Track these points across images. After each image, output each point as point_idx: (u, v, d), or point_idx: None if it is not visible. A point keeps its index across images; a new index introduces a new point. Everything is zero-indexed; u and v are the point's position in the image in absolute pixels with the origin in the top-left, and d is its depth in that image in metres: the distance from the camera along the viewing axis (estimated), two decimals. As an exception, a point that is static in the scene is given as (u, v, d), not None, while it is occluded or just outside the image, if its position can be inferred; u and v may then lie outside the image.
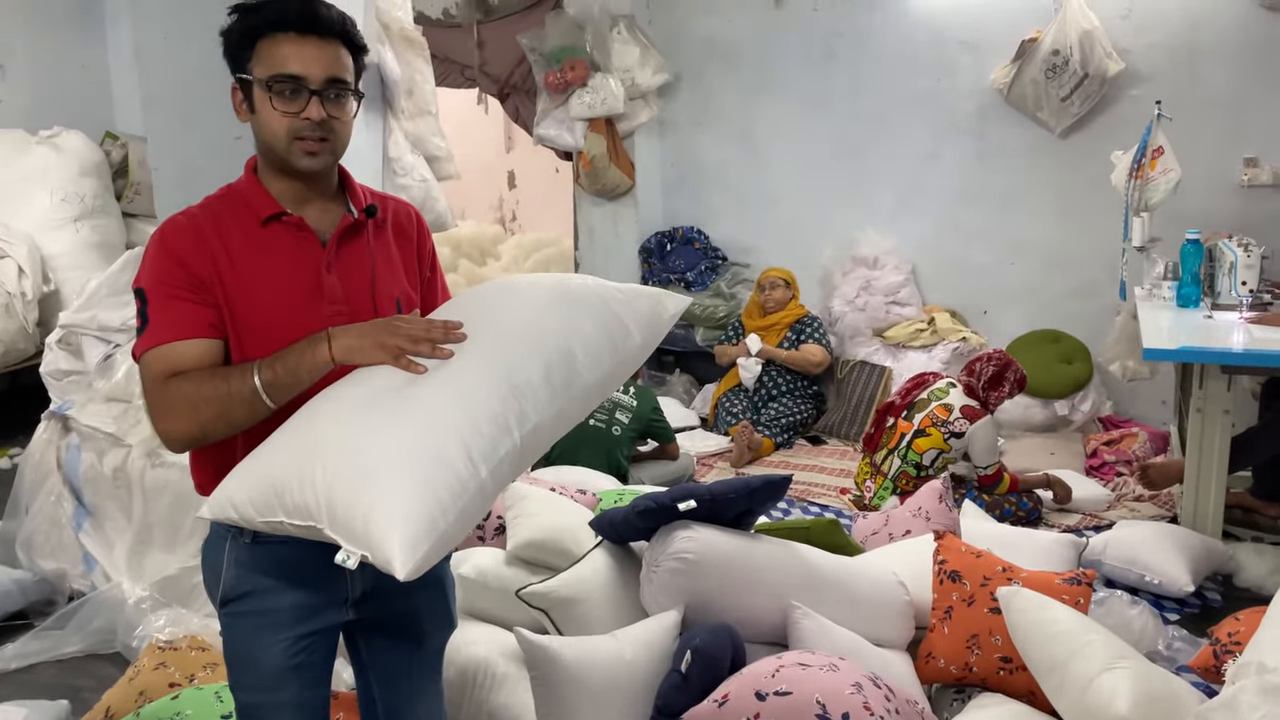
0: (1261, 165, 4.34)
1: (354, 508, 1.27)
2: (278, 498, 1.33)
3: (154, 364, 1.43)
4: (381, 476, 1.28)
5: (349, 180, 1.61)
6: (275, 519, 1.34)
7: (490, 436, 1.34)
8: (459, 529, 1.32)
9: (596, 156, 5.43)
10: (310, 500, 1.30)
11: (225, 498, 1.39)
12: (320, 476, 1.30)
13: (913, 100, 5.09)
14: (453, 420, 1.33)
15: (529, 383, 1.39)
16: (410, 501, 1.26)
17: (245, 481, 1.38)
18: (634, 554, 2.40)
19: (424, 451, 1.30)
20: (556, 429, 1.45)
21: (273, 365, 1.40)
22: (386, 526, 1.25)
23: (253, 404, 1.40)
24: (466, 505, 1.31)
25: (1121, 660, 1.92)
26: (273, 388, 1.40)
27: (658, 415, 4.07)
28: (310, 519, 1.31)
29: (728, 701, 1.80)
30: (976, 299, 5.12)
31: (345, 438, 1.33)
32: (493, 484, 1.36)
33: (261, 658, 1.53)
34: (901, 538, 2.88)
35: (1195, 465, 3.30)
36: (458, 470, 1.30)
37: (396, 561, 1.23)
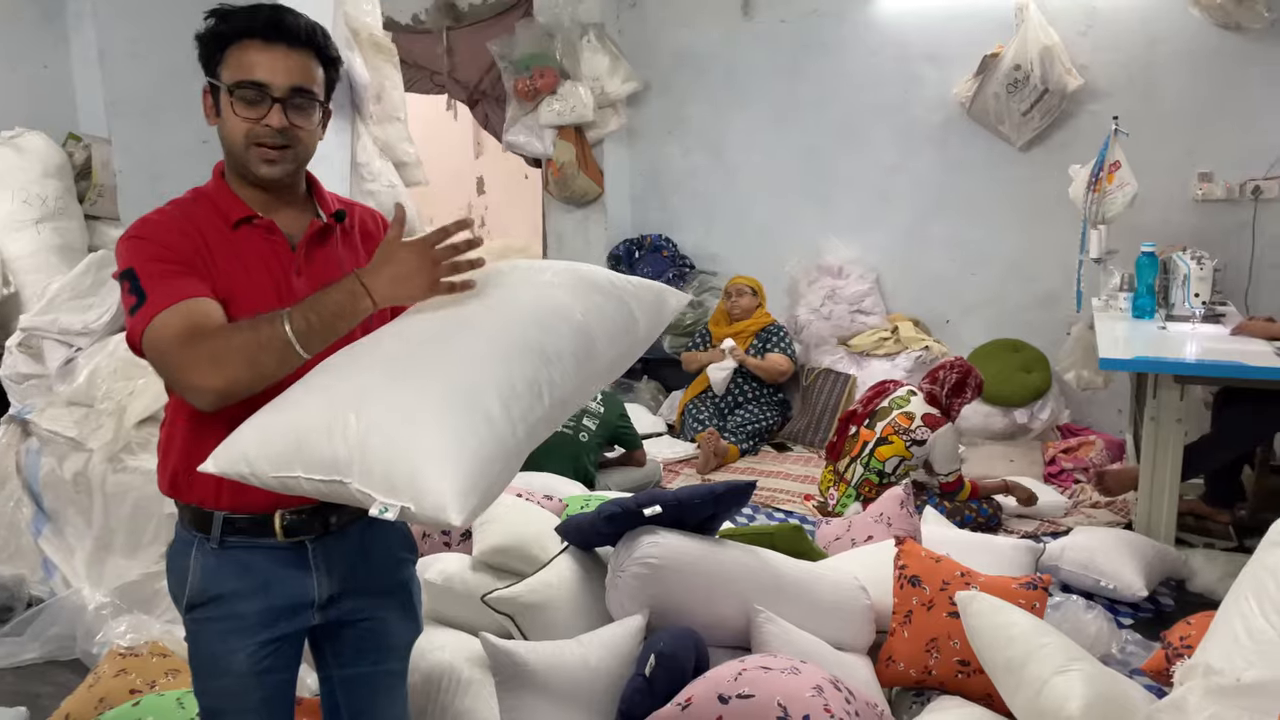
0: (1215, 180, 4.45)
1: (397, 457, 1.24)
2: (298, 450, 1.28)
3: (168, 324, 1.37)
4: (429, 427, 1.25)
5: (317, 186, 1.62)
6: (291, 474, 1.29)
7: (526, 398, 1.34)
8: (500, 486, 1.31)
9: (566, 164, 5.45)
10: (340, 451, 1.26)
11: (238, 451, 1.33)
12: (353, 425, 1.26)
13: (878, 112, 5.16)
14: (493, 376, 1.32)
15: (559, 352, 1.40)
16: (460, 451, 1.24)
17: (262, 432, 1.33)
18: (600, 559, 2.42)
19: (467, 405, 1.28)
20: (572, 404, 1.47)
21: (305, 315, 1.37)
22: (438, 476, 1.22)
23: (284, 353, 1.35)
24: (506, 464, 1.31)
25: (1075, 663, 1.96)
26: (307, 336, 1.36)
27: (625, 422, 4.09)
28: (335, 473, 1.27)
29: (691, 705, 1.82)
30: (939, 308, 5.20)
31: (381, 386, 1.30)
32: (526, 446, 1.35)
33: (227, 663, 1.53)
34: (864, 543, 2.93)
35: (1149, 473, 3.38)
36: (499, 427, 1.29)
37: (453, 509, 1.21)
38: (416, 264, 1.40)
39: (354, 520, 1.58)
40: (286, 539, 1.53)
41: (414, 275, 1.40)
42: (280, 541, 1.53)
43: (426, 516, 1.23)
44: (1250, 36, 4.29)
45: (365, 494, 1.25)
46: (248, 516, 1.52)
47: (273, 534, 1.52)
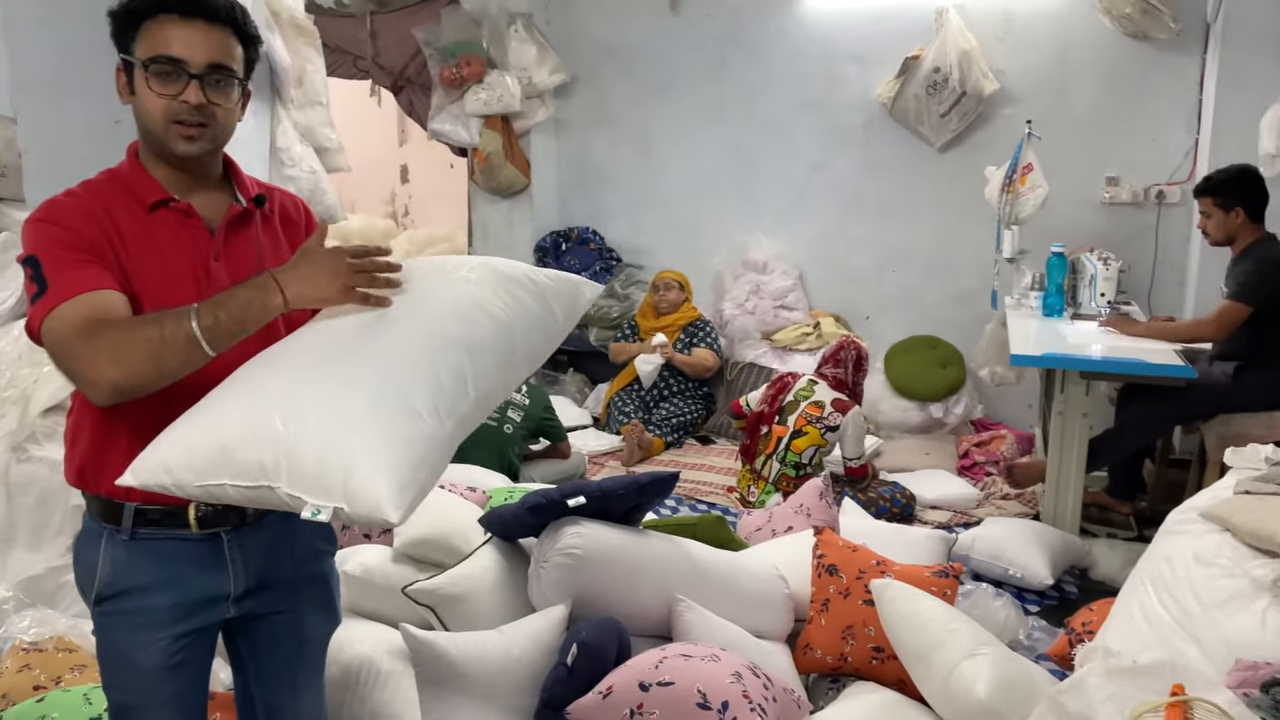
0: (1122, 184, 4.63)
1: (328, 459, 1.23)
2: (224, 457, 1.27)
3: (68, 315, 1.32)
4: (358, 425, 1.25)
5: (235, 169, 1.59)
6: (217, 482, 1.28)
7: (453, 392, 1.34)
8: (432, 480, 1.32)
9: (492, 154, 5.41)
10: (267, 456, 1.25)
11: (158, 462, 1.30)
12: (281, 429, 1.25)
13: (802, 109, 5.24)
14: (418, 372, 1.32)
15: (480, 345, 1.41)
16: (391, 449, 1.24)
17: (183, 441, 1.30)
18: (523, 551, 2.42)
19: (395, 402, 1.28)
20: (496, 396, 1.48)
21: (214, 311, 1.33)
22: (371, 475, 1.22)
23: (189, 350, 1.32)
24: (437, 458, 1.32)
25: (983, 648, 2.03)
26: (214, 334, 1.33)
27: (549, 414, 4.09)
28: (264, 479, 1.26)
29: (612, 693, 1.84)
30: (859, 304, 5.31)
31: (306, 388, 1.29)
32: (455, 439, 1.36)
33: (138, 657, 1.49)
34: (784, 534, 2.98)
35: (1056, 465, 3.51)
36: (428, 422, 1.30)
37: (389, 507, 1.21)
38: (332, 266, 1.39)
39: (271, 511, 1.56)
40: (201, 531, 1.50)
41: (329, 277, 1.38)
42: (194, 533, 1.50)
43: (361, 516, 1.23)
44: (1157, 46, 4.48)
45: (295, 497, 1.24)
46: (160, 508, 1.48)
47: (186, 525, 1.49)
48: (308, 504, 1.23)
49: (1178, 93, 4.50)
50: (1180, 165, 4.52)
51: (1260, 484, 2.07)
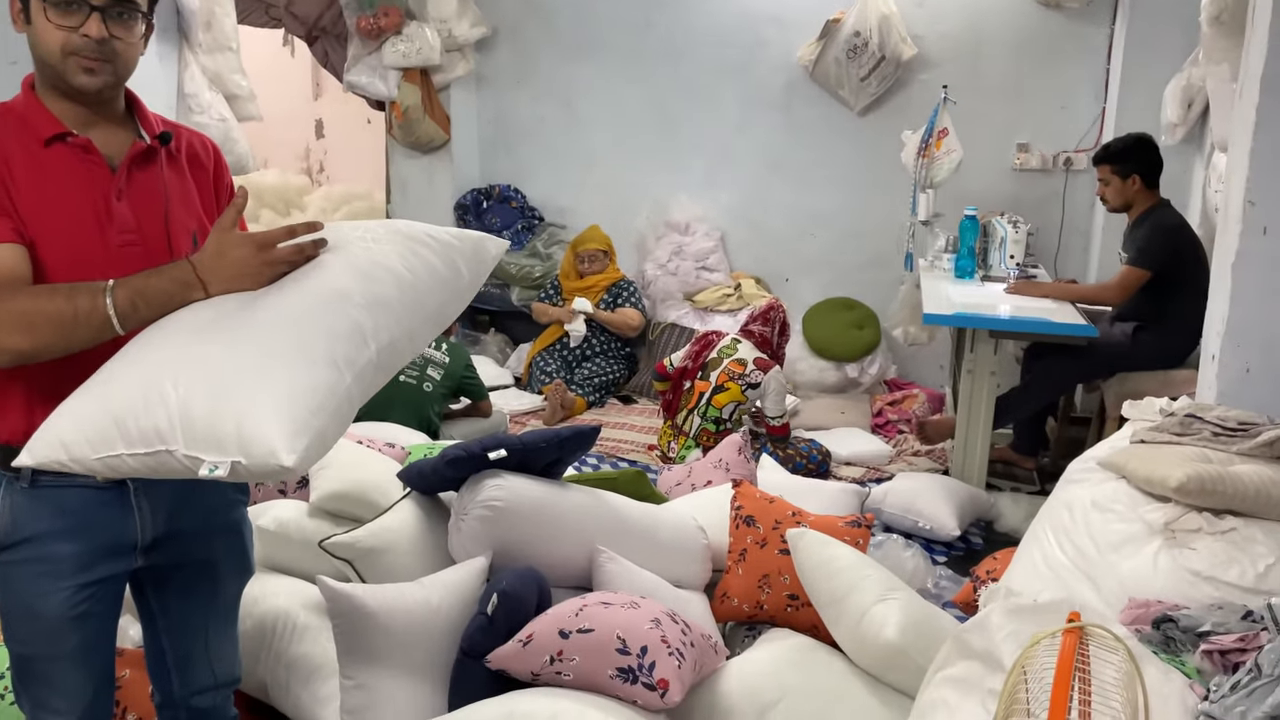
0: (1032, 151, 4.76)
1: (220, 413, 1.23)
2: (118, 427, 1.26)
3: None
4: (248, 378, 1.24)
5: (138, 105, 1.53)
6: (113, 453, 1.27)
7: (349, 343, 1.34)
8: (334, 430, 1.31)
9: (410, 108, 5.29)
10: (160, 420, 1.24)
11: (53, 438, 1.29)
12: (172, 393, 1.24)
13: (724, 72, 5.24)
14: (312, 325, 1.32)
15: (379, 298, 1.40)
16: (284, 397, 1.24)
17: (76, 417, 1.29)
18: (443, 505, 2.41)
19: (289, 354, 1.28)
20: (404, 351, 1.47)
21: (130, 297, 1.33)
22: (262, 422, 1.21)
23: (100, 328, 1.33)
24: (338, 407, 1.31)
25: (892, 593, 2.10)
26: (128, 317, 1.33)
27: (470, 372, 4.06)
28: (160, 443, 1.25)
29: (532, 641, 1.85)
30: (779, 267, 5.37)
31: (197, 351, 1.28)
32: (358, 391, 1.35)
33: (40, 608, 1.45)
34: (703, 488, 3.02)
35: (965, 422, 3.62)
36: (324, 372, 1.29)
37: (282, 450, 1.20)
38: (257, 262, 1.37)
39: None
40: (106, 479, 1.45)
41: (253, 273, 1.37)
42: (99, 481, 1.45)
43: (258, 465, 1.22)
44: (1069, 16, 4.60)
45: (191, 458, 1.24)
46: None
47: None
48: (204, 462, 1.23)
49: (1087, 61, 4.63)
50: (1088, 132, 4.66)
51: (1154, 434, 2.17)
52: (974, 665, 1.63)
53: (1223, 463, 1.98)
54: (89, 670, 1.51)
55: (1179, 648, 1.71)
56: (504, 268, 5.45)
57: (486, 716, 1.70)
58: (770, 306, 4.05)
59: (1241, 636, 1.62)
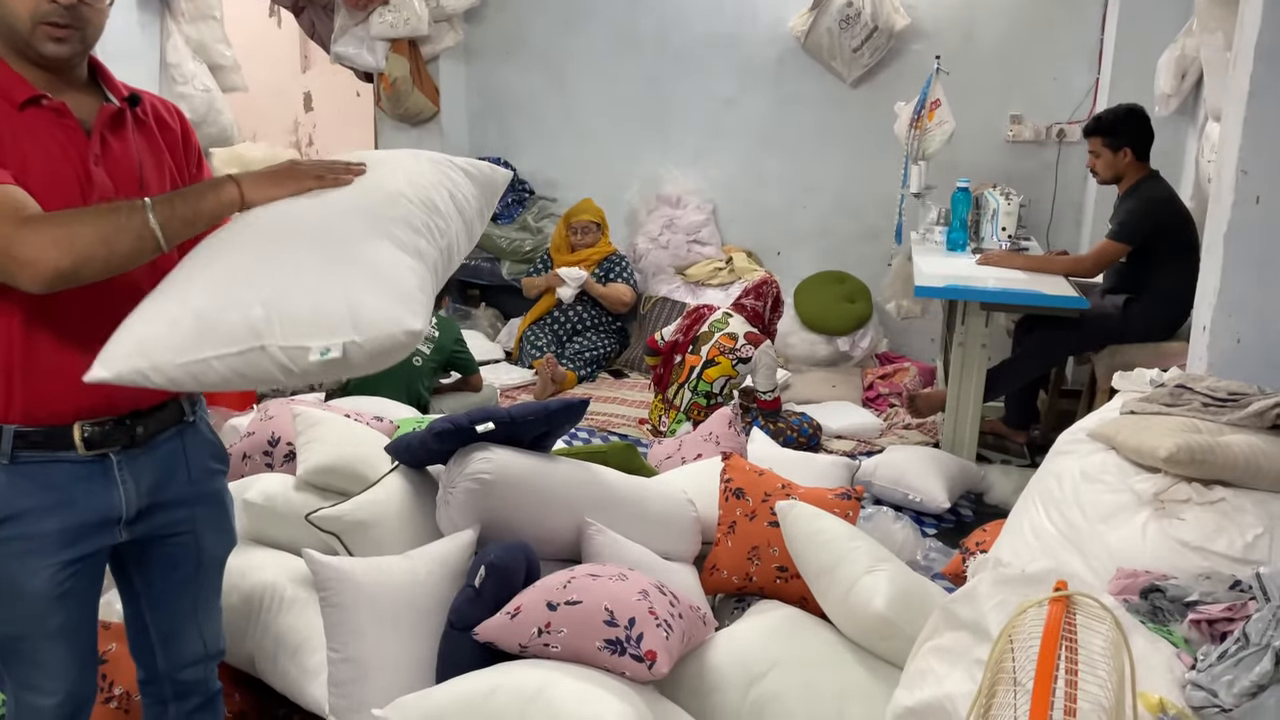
0: (1025, 122, 4.73)
1: (324, 296, 1.22)
2: (204, 328, 1.23)
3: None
4: (342, 264, 1.25)
5: (102, 70, 1.50)
6: (200, 357, 1.24)
7: (424, 236, 1.38)
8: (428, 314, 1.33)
9: (399, 79, 5.24)
10: (255, 314, 1.22)
11: (131, 346, 1.24)
12: (266, 285, 1.23)
13: (716, 43, 5.19)
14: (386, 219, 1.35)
15: (433, 204, 1.46)
16: (391, 272, 1.25)
17: (154, 324, 1.25)
18: (431, 478, 2.40)
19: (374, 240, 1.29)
20: (456, 259, 1.52)
21: (170, 202, 1.32)
22: (379, 297, 1.22)
23: (141, 240, 1.29)
24: (431, 289, 1.35)
25: (881, 564, 2.10)
26: (168, 226, 1.31)
27: (460, 346, 4.04)
28: (253, 339, 1.22)
29: (520, 613, 1.85)
30: (771, 240, 5.34)
31: (276, 247, 1.28)
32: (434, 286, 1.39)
33: (24, 586, 1.43)
34: (693, 461, 3.01)
35: (955, 394, 3.62)
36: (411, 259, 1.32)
37: (407, 315, 1.21)
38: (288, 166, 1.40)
39: (162, 430, 1.51)
40: (88, 452, 1.43)
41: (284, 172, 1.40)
42: (81, 455, 1.43)
43: (378, 338, 1.21)
44: (1063, -13, 4.55)
45: (292, 348, 1.21)
46: (42, 429, 1.41)
47: (72, 447, 1.42)
48: (312, 348, 1.20)
49: (1081, 32, 4.60)
50: (1081, 104, 4.64)
51: (1144, 404, 2.16)
52: (962, 635, 1.63)
53: (1212, 433, 1.98)
54: (73, 648, 1.50)
55: (1167, 617, 1.71)
56: (494, 241, 5.41)
57: (474, 688, 1.70)
58: (764, 281, 4.04)
59: (1229, 606, 1.62)
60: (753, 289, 4.02)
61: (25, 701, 1.50)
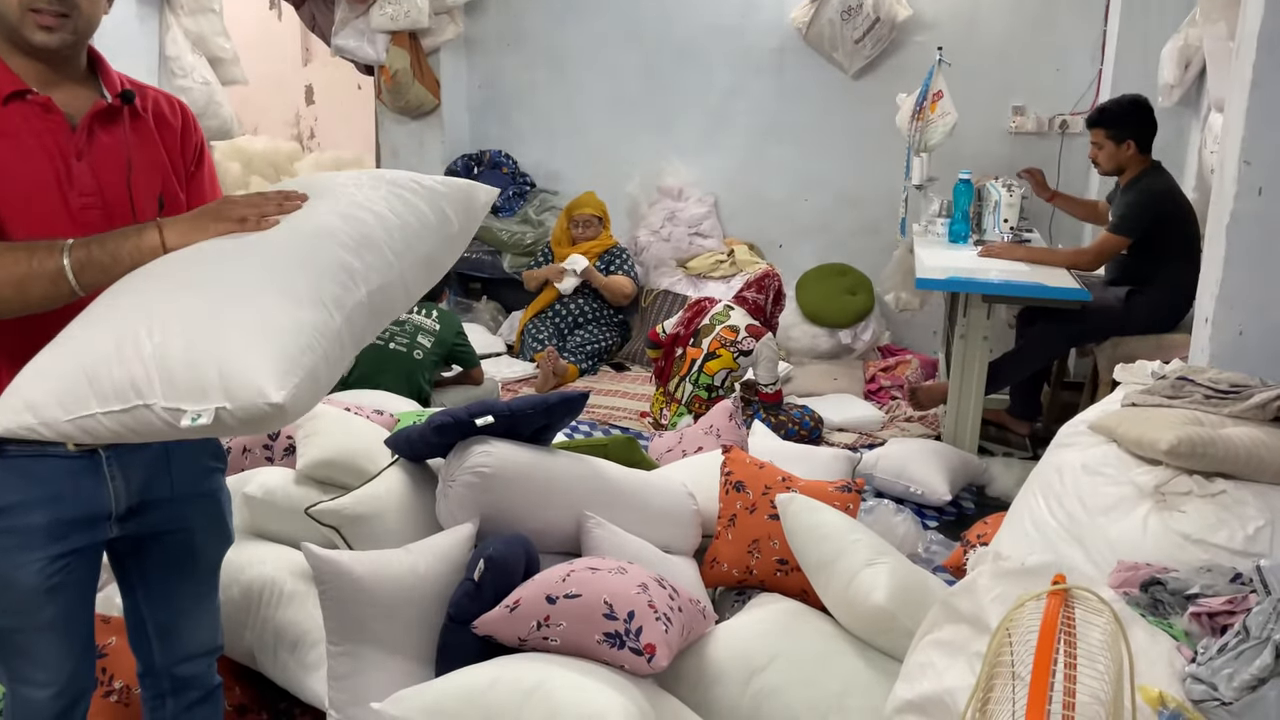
0: (1028, 114, 4.72)
1: (201, 360, 1.16)
2: (91, 384, 1.20)
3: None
4: (229, 320, 1.18)
5: (101, 63, 1.48)
6: (88, 412, 1.21)
7: (339, 283, 1.29)
8: (326, 373, 1.26)
9: (399, 71, 5.22)
10: (137, 372, 1.18)
11: (19, 402, 1.23)
12: (148, 342, 1.19)
13: (717, 34, 5.17)
14: (295, 265, 1.27)
15: (366, 239, 1.36)
16: (269, 335, 1.18)
17: (43, 378, 1.23)
18: (431, 472, 2.39)
19: (272, 292, 1.22)
20: (398, 298, 1.44)
21: (88, 246, 1.28)
22: (247, 362, 1.15)
23: (56, 284, 1.28)
24: (329, 349, 1.26)
25: (881, 557, 2.09)
26: (84, 271, 1.28)
27: (461, 340, 4.03)
28: (137, 397, 1.19)
29: (519, 606, 1.84)
30: (772, 233, 5.33)
31: (173, 298, 1.22)
32: (349, 334, 1.31)
33: (13, 580, 1.43)
34: (694, 454, 3.01)
35: (957, 387, 3.61)
36: (312, 311, 1.24)
37: (270, 387, 1.14)
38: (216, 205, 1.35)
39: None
40: (78, 447, 1.42)
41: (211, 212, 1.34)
42: (70, 450, 1.42)
43: (245, 408, 1.16)
44: (1065, -24, 4.53)
45: (172, 409, 1.17)
46: None
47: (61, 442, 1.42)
48: (186, 412, 1.16)
49: (1084, 23, 4.57)
50: (1084, 95, 4.62)
51: (1146, 396, 2.15)
52: (961, 628, 1.63)
53: (1214, 425, 1.97)
54: (68, 641, 1.49)
55: (1167, 610, 1.71)
56: (495, 234, 5.41)
57: (474, 681, 1.69)
58: (765, 274, 4.03)
59: (1230, 599, 1.62)
60: (754, 282, 4.02)
61: (21, 694, 1.50)
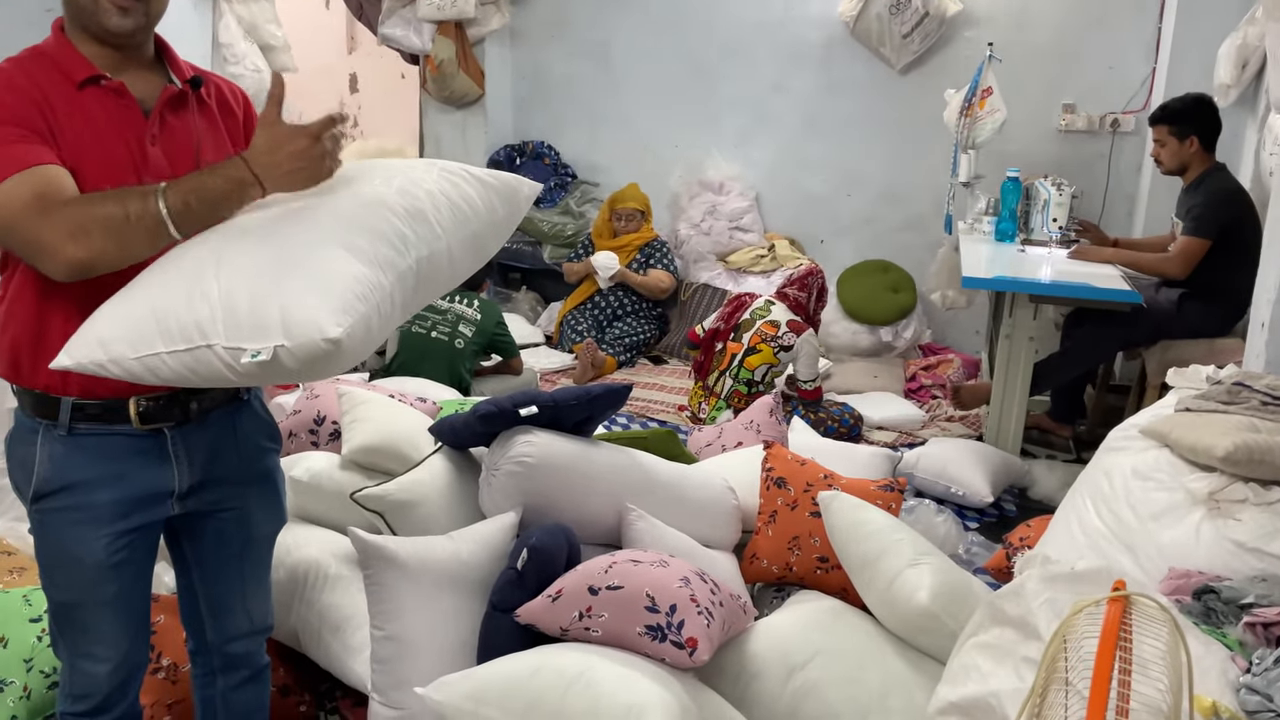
0: (1078, 112, 4.64)
1: (263, 301, 1.22)
2: (158, 324, 1.25)
3: (14, 193, 1.28)
4: (291, 266, 1.25)
5: (168, 50, 1.51)
6: (152, 352, 1.26)
7: (392, 246, 1.35)
8: (378, 325, 1.31)
9: (445, 61, 5.25)
10: (202, 314, 1.23)
11: (91, 337, 1.28)
12: (214, 287, 1.24)
13: (762, 27, 5.14)
14: (355, 224, 1.33)
15: (419, 212, 1.42)
16: (328, 279, 1.24)
17: (116, 317, 1.28)
18: (473, 460, 2.41)
19: (331, 245, 1.28)
20: (444, 271, 1.49)
21: (184, 196, 1.31)
22: (306, 301, 1.21)
23: (155, 232, 1.30)
24: (380, 303, 1.30)
25: (925, 557, 2.07)
26: (183, 217, 1.31)
27: (502, 329, 4.05)
28: (201, 338, 1.24)
29: (561, 596, 1.85)
30: (814, 228, 5.30)
31: (240, 247, 1.28)
32: (399, 297, 1.36)
33: (79, 554, 1.46)
34: (734, 449, 3.00)
35: (1001, 388, 3.57)
36: (366, 267, 1.30)
37: (328, 323, 1.19)
38: (314, 154, 1.36)
39: (216, 407, 1.52)
40: (143, 426, 1.45)
41: (309, 165, 1.36)
42: (137, 429, 1.45)
43: (303, 344, 1.20)
44: (1119, -27, 4.45)
45: (233, 349, 1.22)
46: (99, 402, 1.43)
47: (127, 421, 1.45)
48: (246, 350, 1.21)
49: (1137, 21, 4.49)
50: (1136, 94, 4.53)
51: (1200, 402, 2.12)
52: (1008, 632, 1.61)
53: (1271, 432, 1.93)
54: (126, 617, 1.52)
55: (1220, 619, 1.68)
56: (536, 225, 5.42)
57: (517, 669, 1.70)
58: (809, 272, 4.00)
59: (1286, 609, 1.59)
60: (797, 279, 3.99)
61: (79, 668, 1.53)
